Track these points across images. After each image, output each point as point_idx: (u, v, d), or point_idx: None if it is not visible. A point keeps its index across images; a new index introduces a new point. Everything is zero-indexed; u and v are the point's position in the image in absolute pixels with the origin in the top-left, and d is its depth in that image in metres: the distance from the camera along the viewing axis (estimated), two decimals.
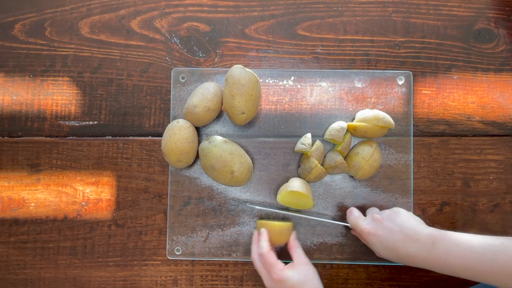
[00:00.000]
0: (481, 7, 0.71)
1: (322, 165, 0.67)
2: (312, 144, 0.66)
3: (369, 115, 0.65)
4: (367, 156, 0.65)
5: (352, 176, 0.68)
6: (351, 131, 0.67)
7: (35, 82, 0.72)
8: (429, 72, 0.71)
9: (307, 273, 0.60)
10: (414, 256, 0.56)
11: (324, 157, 0.67)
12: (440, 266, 0.55)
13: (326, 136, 0.67)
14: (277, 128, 0.69)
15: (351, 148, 0.68)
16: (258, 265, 0.62)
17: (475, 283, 0.62)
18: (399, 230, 0.57)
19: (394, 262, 0.64)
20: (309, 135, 0.67)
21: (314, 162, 0.65)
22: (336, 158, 0.65)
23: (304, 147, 0.65)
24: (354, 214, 0.63)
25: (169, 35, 0.72)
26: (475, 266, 0.52)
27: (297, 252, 0.62)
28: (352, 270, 0.68)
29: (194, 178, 0.69)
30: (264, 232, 0.63)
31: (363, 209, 0.68)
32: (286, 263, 0.60)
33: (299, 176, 0.68)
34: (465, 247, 0.53)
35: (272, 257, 0.60)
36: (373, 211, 0.64)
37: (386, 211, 0.61)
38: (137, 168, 0.70)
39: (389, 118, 0.66)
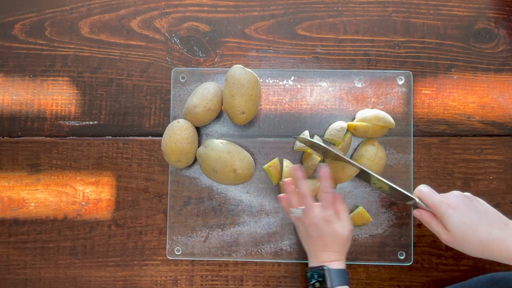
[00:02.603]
0: (481, 7, 0.71)
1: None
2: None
3: (369, 114, 0.65)
4: (372, 156, 0.65)
5: None
6: (352, 131, 0.67)
7: (35, 82, 0.72)
8: (429, 72, 0.71)
9: (348, 230, 0.59)
10: (501, 240, 0.51)
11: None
12: None
13: (326, 136, 0.67)
14: (277, 128, 0.69)
15: (355, 151, 0.68)
16: (310, 200, 0.60)
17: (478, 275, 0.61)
18: (484, 212, 0.54)
19: (460, 251, 0.55)
20: (306, 132, 0.67)
21: (317, 159, 0.65)
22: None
23: (304, 145, 0.65)
24: (429, 188, 0.58)
25: (169, 35, 0.72)
26: None
27: (346, 212, 0.61)
28: (352, 270, 0.68)
29: (194, 178, 0.69)
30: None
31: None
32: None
33: None
34: None
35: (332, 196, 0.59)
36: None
37: (468, 193, 0.57)
38: (137, 168, 0.70)
39: (389, 118, 0.66)
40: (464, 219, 0.53)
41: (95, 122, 0.71)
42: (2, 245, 0.70)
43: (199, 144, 0.69)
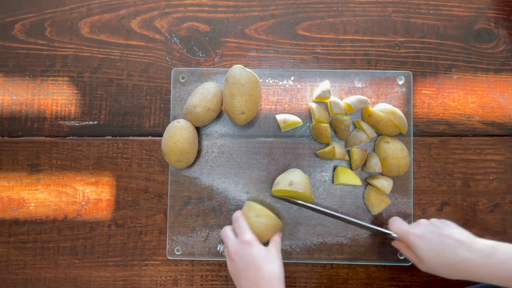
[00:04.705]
0: (481, 7, 0.71)
1: (346, 144, 0.68)
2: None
3: (388, 107, 0.66)
4: (394, 153, 0.65)
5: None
6: (366, 116, 0.67)
7: (35, 82, 0.72)
8: (429, 72, 0.71)
9: (275, 256, 0.58)
10: (467, 261, 0.53)
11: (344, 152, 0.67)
12: (499, 274, 0.52)
13: (314, 97, 0.68)
14: (277, 128, 0.69)
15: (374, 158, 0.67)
16: (227, 230, 0.61)
17: (475, 283, 0.61)
18: (449, 235, 0.56)
19: (438, 275, 0.57)
20: (327, 82, 0.68)
21: (365, 133, 0.66)
22: (361, 137, 0.66)
23: (324, 94, 0.66)
24: (398, 220, 0.62)
25: (169, 35, 0.72)
26: None
27: (276, 245, 0.60)
28: (352, 270, 0.68)
29: (194, 178, 0.69)
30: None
31: (360, 213, 0.68)
32: None
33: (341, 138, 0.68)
34: None
35: (246, 223, 0.60)
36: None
37: (434, 219, 0.60)
38: (137, 168, 0.70)
39: (405, 121, 0.66)
40: (431, 246, 0.56)
41: (95, 122, 0.71)
42: (2, 245, 0.70)
43: (199, 144, 0.69)
